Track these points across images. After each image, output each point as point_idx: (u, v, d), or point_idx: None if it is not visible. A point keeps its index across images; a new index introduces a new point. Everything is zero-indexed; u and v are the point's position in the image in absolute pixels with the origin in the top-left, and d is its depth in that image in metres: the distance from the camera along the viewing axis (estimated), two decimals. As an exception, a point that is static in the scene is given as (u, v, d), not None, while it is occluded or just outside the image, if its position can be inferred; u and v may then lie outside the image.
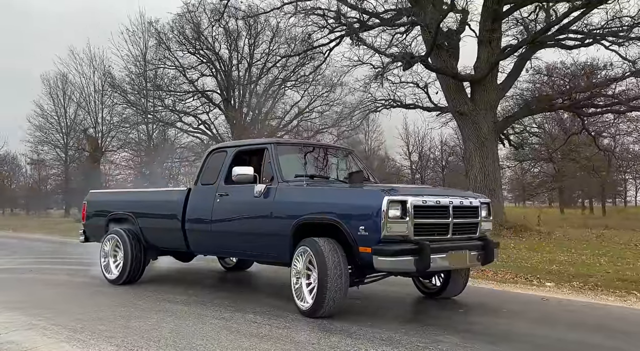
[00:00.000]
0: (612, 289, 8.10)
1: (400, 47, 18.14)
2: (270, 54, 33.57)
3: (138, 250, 8.02)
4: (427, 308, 6.73)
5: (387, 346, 4.80)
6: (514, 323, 5.97)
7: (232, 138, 33.85)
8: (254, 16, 21.26)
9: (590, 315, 6.55)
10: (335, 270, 5.60)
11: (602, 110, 17.87)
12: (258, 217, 6.57)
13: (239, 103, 34.69)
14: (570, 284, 8.62)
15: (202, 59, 33.43)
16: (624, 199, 62.07)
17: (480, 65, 17.24)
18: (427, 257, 5.45)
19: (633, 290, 8.00)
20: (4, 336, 5.47)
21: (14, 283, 9.04)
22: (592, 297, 7.67)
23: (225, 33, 33.31)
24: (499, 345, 4.95)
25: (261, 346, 4.86)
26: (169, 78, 34.80)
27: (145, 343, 5.03)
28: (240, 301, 6.95)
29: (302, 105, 34.82)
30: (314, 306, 5.75)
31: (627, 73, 17.50)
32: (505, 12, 17.61)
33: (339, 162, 7.38)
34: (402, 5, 17.51)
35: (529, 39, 16.40)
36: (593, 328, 5.87)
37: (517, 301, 7.25)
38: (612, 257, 11.84)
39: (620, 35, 17.12)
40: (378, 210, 5.43)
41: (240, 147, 7.33)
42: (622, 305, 7.25)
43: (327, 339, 5.07)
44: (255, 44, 34.06)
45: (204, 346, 4.90)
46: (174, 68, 34.01)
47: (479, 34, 17.45)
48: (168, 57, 33.74)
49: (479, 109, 17.06)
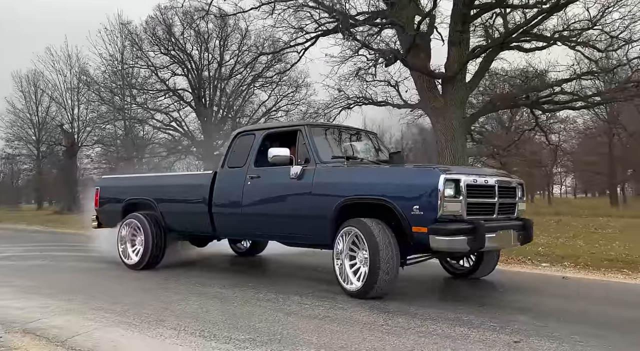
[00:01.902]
0: (605, 268, 7.76)
1: (377, 46, 17.67)
2: (239, 55, 32.97)
3: (159, 235, 7.29)
4: (463, 288, 6.19)
5: (463, 327, 4.29)
6: (568, 303, 5.46)
7: (203, 135, 33.11)
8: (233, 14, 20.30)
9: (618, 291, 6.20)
10: (387, 250, 5.08)
11: (559, 107, 17.90)
12: (295, 199, 5.95)
13: (209, 101, 33.75)
14: (562, 264, 8.29)
15: (174, 59, 32.37)
16: (560, 191, 63.84)
17: (450, 65, 16.94)
18: (482, 237, 4.98)
19: (623, 268, 7.69)
20: (45, 321, 4.79)
21: (28, 269, 8.17)
22: (600, 275, 7.33)
23: (196, 35, 32.42)
24: (578, 325, 4.38)
25: (329, 328, 4.29)
26: (142, 77, 33.73)
27: (202, 326, 4.43)
28: (275, 284, 6.34)
29: (269, 104, 34.33)
30: (364, 288, 5.19)
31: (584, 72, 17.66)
32: (472, 16, 17.39)
33: (365, 144, 6.82)
34: (383, 6, 17.07)
35: (501, 40, 16.21)
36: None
37: (541, 281, 6.80)
38: (584, 239, 11.67)
39: (572, 39, 17.31)
40: (435, 189, 4.92)
41: (269, 130, 6.69)
42: (634, 282, 6.93)
43: (393, 320, 4.53)
44: (225, 45, 33.26)
45: (268, 328, 4.31)
46: (146, 67, 32.89)
47: (449, 35, 17.19)
48: (140, 57, 32.60)
49: (449, 105, 16.77)
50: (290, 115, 34.12)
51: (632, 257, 8.52)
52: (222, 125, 33.95)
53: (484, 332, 4.11)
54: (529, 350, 3.68)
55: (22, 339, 4.28)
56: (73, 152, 33.20)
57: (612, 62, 17.58)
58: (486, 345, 3.78)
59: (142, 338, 4.16)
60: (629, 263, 8.02)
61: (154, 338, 4.14)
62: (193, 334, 4.21)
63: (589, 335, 4.01)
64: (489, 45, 17.14)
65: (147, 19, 31.86)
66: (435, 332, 4.12)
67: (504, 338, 3.96)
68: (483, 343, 3.83)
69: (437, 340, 3.90)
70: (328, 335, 4.07)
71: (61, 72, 34.95)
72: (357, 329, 4.24)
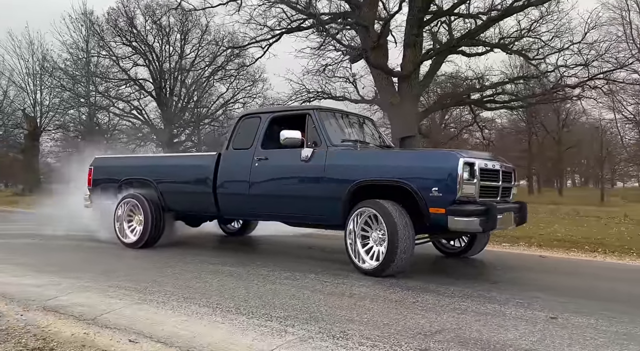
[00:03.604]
0: (556, 248, 7.78)
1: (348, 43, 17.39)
2: (199, 49, 31.98)
3: (158, 215, 6.73)
4: (461, 266, 5.96)
5: (492, 304, 4.06)
6: (570, 280, 5.37)
7: (163, 124, 31.88)
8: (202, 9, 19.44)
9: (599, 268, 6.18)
10: (404, 231, 4.82)
11: (500, 105, 18.25)
12: (308, 181, 5.57)
13: (169, 92, 32.50)
14: (518, 244, 8.21)
15: (136, 50, 30.97)
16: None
17: (406, 65, 16.90)
18: (494, 218, 4.78)
19: (572, 248, 7.75)
20: (64, 298, 4.27)
21: (24, 247, 7.44)
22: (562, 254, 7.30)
23: (157, 28, 31.12)
24: (602, 302, 4.21)
25: (362, 304, 3.99)
26: (104, 66, 32.06)
27: (233, 303, 4.04)
28: (282, 262, 5.95)
29: (227, 96, 33.50)
30: (381, 266, 4.91)
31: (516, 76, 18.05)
32: (426, 21, 17.39)
33: (369, 129, 6.50)
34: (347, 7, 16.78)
35: (454, 42, 16.28)
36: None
37: (525, 260, 6.64)
38: (547, 222, 11.74)
39: (508, 47, 17.72)
40: (455, 172, 4.68)
41: (276, 113, 6.26)
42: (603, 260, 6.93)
43: (421, 297, 4.26)
44: (185, 39, 32.12)
45: (301, 306, 3.95)
46: (108, 57, 31.31)
47: (405, 38, 17.15)
48: (102, 47, 30.96)
49: (405, 102, 16.73)
50: (247, 107, 33.48)
51: (575, 238, 8.64)
52: (181, 114, 32.94)
53: (516, 309, 3.90)
54: (571, 326, 3.48)
55: (46, 317, 3.76)
56: (35, 135, 31.11)
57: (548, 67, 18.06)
58: (528, 322, 3.56)
59: (178, 316, 3.72)
60: (575, 243, 8.15)
61: (190, 316, 3.71)
62: (229, 311, 3.81)
63: (618, 312, 3.87)
64: (440, 48, 17.22)
65: (109, 9, 30.37)
66: (470, 309, 3.88)
67: (539, 314, 3.76)
68: (523, 319, 3.62)
69: (478, 317, 3.65)
70: (366, 312, 3.76)
71: (22, 56, 32.56)
72: (392, 306, 3.95)
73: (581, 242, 8.35)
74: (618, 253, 7.32)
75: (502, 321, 3.55)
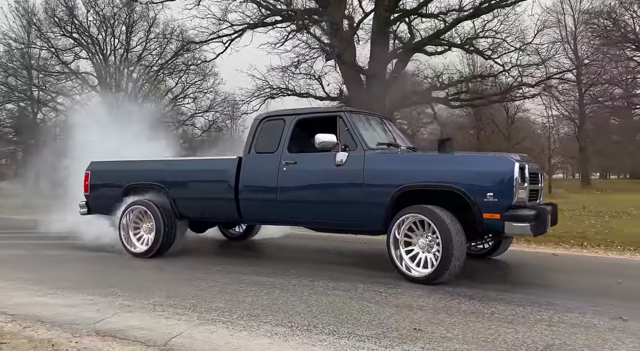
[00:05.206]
0: (553, 243, 8.02)
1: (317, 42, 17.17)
2: (147, 42, 30.68)
3: (169, 222, 6.31)
4: (485, 268, 5.99)
5: (571, 313, 4.01)
6: (599, 279, 5.46)
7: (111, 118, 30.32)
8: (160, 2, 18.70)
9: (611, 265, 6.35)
10: (457, 237, 4.73)
11: (466, 103, 18.66)
12: (344, 186, 5.37)
13: (115, 86, 31.00)
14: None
15: (77, 41, 29.31)
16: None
17: (374, 63, 16.95)
18: (545, 222, 4.81)
19: (572, 243, 8.00)
20: (112, 320, 3.91)
21: (14, 259, 6.77)
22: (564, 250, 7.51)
23: (101, 19, 29.59)
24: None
25: (440, 318, 3.85)
26: (42, 58, 30.14)
27: (304, 320, 3.83)
28: (318, 270, 5.69)
29: (177, 91, 32.33)
30: (434, 274, 4.80)
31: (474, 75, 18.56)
32: (393, 20, 17.50)
33: (389, 129, 6.34)
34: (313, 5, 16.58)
35: (425, 41, 16.45)
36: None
37: (542, 258, 6.74)
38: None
39: (465, 47, 18.20)
40: (511, 177, 4.63)
41: (302, 116, 5.97)
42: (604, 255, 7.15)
43: (494, 307, 4.15)
44: (131, 31, 30.70)
45: (377, 320, 3.81)
46: (46, 49, 29.46)
47: (372, 37, 17.22)
48: (39, 37, 29.10)
49: (373, 98, 16.75)
50: (197, 103, 32.60)
51: (558, 232, 8.71)
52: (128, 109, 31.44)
53: (600, 318, 3.87)
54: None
55: (107, 344, 3.40)
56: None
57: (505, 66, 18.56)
58: (597, 330, 3.57)
59: (257, 338, 3.48)
60: (560, 238, 8.42)
61: (271, 338, 3.47)
62: (308, 330, 3.60)
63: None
64: (406, 47, 17.36)
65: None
66: (555, 320, 3.80)
67: (603, 320, 3.80)
68: (593, 328, 3.62)
69: (572, 330, 3.57)
70: (453, 328, 3.62)
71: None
72: (472, 319, 3.82)
73: (565, 237, 8.62)
74: (618, 248, 7.61)
75: (601, 334, 3.49)
